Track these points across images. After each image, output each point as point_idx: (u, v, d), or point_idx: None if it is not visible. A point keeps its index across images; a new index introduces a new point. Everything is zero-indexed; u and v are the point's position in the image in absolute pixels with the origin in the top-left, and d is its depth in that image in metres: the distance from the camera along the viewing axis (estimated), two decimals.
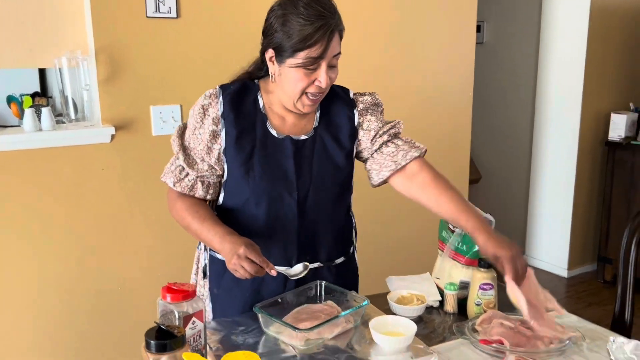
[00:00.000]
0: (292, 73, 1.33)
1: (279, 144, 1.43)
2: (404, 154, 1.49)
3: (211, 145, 1.42)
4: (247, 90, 1.45)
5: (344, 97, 1.52)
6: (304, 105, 1.39)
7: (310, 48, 1.29)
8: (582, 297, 3.80)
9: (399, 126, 1.54)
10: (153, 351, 0.96)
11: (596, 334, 1.38)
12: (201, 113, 1.42)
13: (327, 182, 1.47)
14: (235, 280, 1.41)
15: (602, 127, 3.97)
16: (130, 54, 2.24)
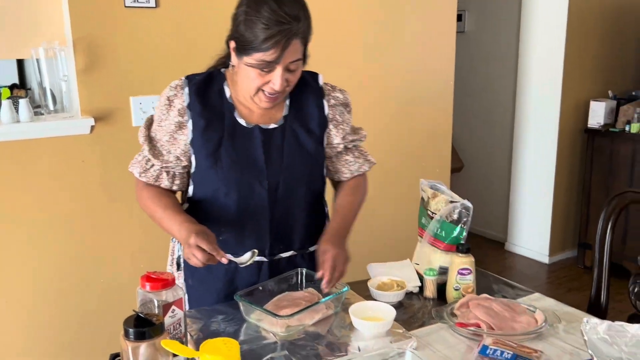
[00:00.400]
0: (247, 70, 1.33)
1: (247, 133, 1.42)
2: (358, 166, 1.60)
3: (177, 136, 1.42)
4: (213, 80, 1.45)
5: (313, 84, 1.52)
6: (261, 101, 1.39)
7: (265, 52, 1.27)
8: (563, 282, 3.86)
9: (362, 137, 1.61)
10: (132, 339, 0.97)
11: (572, 317, 1.40)
12: (167, 104, 1.42)
13: (298, 170, 1.47)
14: (208, 270, 1.43)
15: (581, 114, 4.01)
16: (108, 44, 2.22)
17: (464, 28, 4.56)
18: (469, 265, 1.46)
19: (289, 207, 1.48)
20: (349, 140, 1.56)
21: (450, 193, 1.58)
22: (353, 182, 1.60)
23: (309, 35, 1.36)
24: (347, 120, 1.56)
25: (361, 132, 1.61)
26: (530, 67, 4.07)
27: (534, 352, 1.17)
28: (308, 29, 1.34)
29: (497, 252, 4.41)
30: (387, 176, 3.07)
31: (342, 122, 1.54)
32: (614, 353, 1.08)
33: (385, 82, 2.99)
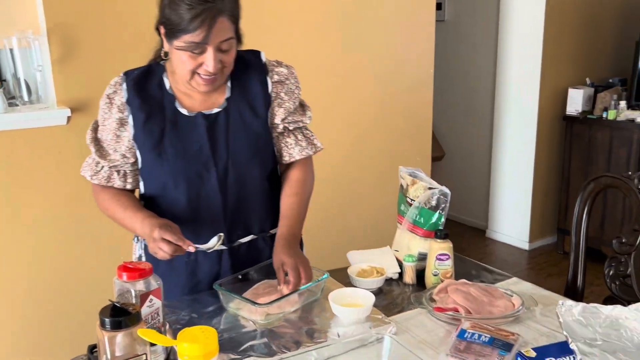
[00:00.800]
0: (178, 54, 1.30)
1: (190, 122, 1.40)
2: (299, 150, 1.51)
3: (120, 133, 1.41)
4: (151, 73, 1.44)
5: (255, 62, 1.47)
6: (198, 85, 1.35)
7: (192, 33, 1.25)
8: (543, 268, 3.91)
9: (306, 117, 1.53)
10: (108, 329, 0.96)
11: (549, 300, 1.42)
12: (107, 103, 1.42)
13: (247, 153, 1.44)
14: (169, 266, 1.42)
15: (560, 102, 4.05)
16: (84, 32, 2.18)
17: (444, 17, 4.57)
18: (447, 251, 1.47)
19: (242, 192, 1.45)
20: (290, 120, 1.49)
21: (428, 180, 1.58)
22: (295, 175, 1.53)
23: (237, 12, 1.33)
24: (293, 99, 1.49)
25: (306, 114, 1.53)
26: (510, 55, 4.09)
27: (511, 335, 1.18)
28: (235, 6, 1.32)
29: (479, 240, 4.45)
30: (367, 165, 3.08)
31: (288, 100, 1.48)
32: (589, 334, 1.10)
33: (365, 71, 2.99)
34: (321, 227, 2.77)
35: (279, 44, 2.67)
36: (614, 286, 1.64)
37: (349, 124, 2.98)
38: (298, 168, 1.54)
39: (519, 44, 4.01)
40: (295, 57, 2.73)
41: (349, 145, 2.99)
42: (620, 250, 1.63)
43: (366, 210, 3.09)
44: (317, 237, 1.86)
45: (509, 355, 1.12)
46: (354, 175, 3.03)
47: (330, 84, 2.88)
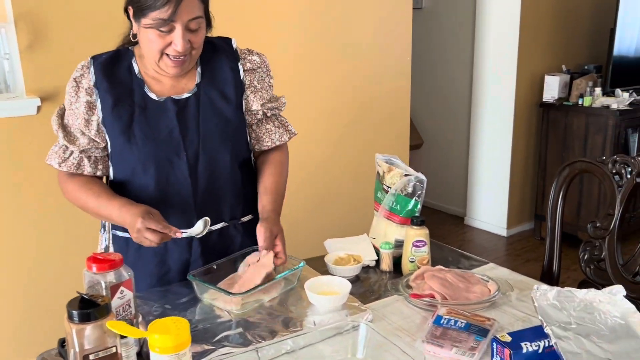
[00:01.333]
0: (146, 33, 1.29)
1: (160, 107, 1.38)
2: (279, 135, 1.53)
3: (88, 117, 1.37)
4: (120, 58, 1.41)
5: (226, 48, 1.46)
6: (167, 67, 1.33)
7: (160, 9, 1.23)
8: (521, 254, 3.96)
9: (281, 104, 1.54)
10: (76, 321, 0.93)
11: (525, 285, 1.43)
12: (74, 86, 1.38)
13: (217, 138, 1.42)
14: (137, 254, 1.41)
15: (536, 89, 4.08)
16: (52, 19, 2.13)
17: (421, 4, 4.56)
18: (424, 238, 1.46)
19: (212, 178, 1.43)
20: (269, 107, 1.50)
21: (404, 167, 1.58)
22: (275, 158, 1.54)
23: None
24: (266, 87, 1.49)
25: (281, 100, 1.54)
26: (487, 42, 4.10)
27: (487, 321, 1.18)
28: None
29: (457, 227, 4.48)
30: (345, 153, 3.07)
31: (261, 88, 1.48)
32: (563, 318, 1.10)
33: (343, 59, 2.97)
34: (298, 216, 2.75)
35: (254, 33, 2.64)
36: (589, 270, 1.66)
37: (326, 112, 2.96)
38: (277, 152, 1.56)
39: (495, 31, 4.02)
40: (271, 46, 2.71)
41: (326, 133, 2.97)
42: (595, 234, 1.64)
43: (344, 198, 3.09)
44: (294, 225, 1.85)
45: (485, 340, 1.12)
46: (331, 164, 3.02)
47: (306, 72, 2.85)
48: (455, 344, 1.11)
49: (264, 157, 1.56)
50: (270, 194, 1.47)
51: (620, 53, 3.90)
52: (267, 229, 1.37)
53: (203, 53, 1.40)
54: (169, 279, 1.44)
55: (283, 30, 2.75)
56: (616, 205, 1.60)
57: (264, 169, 1.53)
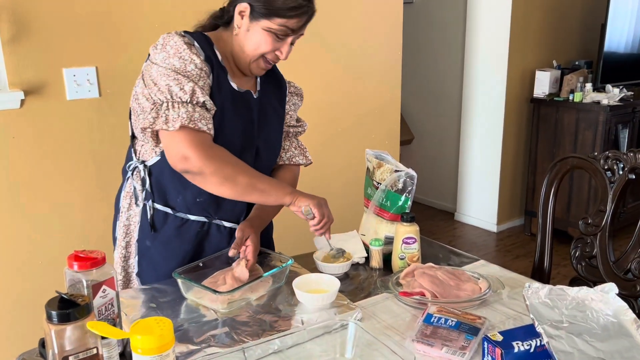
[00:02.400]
0: (261, 34, 1.33)
1: (241, 97, 1.41)
2: (290, 156, 1.59)
3: (208, 82, 1.32)
4: (205, 42, 1.36)
5: (275, 69, 1.56)
6: (257, 68, 1.39)
7: (290, 19, 1.31)
8: (511, 249, 3.95)
9: (303, 129, 1.64)
10: (55, 322, 0.90)
11: (516, 283, 1.41)
12: (187, 50, 1.29)
13: (276, 141, 1.53)
14: (177, 231, 1.42)
15: (527, 84, 4.07)
16: (36, 10, 2.08)
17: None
18: (414, 234, 1.44)
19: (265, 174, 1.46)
20: (292, 125, 1.60)
21: (395, 162, 1.55)
22: (283, 175, 1.58)
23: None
24: (296, 110, 1.62)
25: (303, 124, 1.64)
26: (477, 37, 4.08)
27: (478, 319, 1.17)
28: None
29: (447, 222, 4.48)
30: (335, 148, 3.04)
31: (293, 111, 1.60)
32: (555, 316, 1.08)
33: (333, 54, 2.93)
34: (288, 212, 2.73)
35: None
36: (580, 267, 1.64)
37: (315, 108, 2.93)
38: (287, 171, 1.60)
39: (486, 26, 4.01)
40: None
41: (317, 128, 2.94)
42: (586, 231, 1.63)
43: (333, 194, 3.04)
44: (283, 221, 1.82)
45: (476, 339, 1.10)
46: (321, 159, 2.99)
47: (295, 66, 2.82)
48: (445, 343, 1.09)
49: (274, 173, 1.59)
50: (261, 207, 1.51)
51: (610, 49, 3.90)
52: (240, 230, 1.40)
53: None
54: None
55: None
56: (608, 202, 1.59)
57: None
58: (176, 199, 1.41)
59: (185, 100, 1.26)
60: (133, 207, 1.46)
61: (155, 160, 1.40)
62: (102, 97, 2.25)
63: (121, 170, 1.55)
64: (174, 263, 1.42)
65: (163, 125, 1.25)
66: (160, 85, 1.27)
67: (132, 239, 1.46)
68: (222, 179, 1.27)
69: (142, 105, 1.30)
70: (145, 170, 1.41)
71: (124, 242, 1.47)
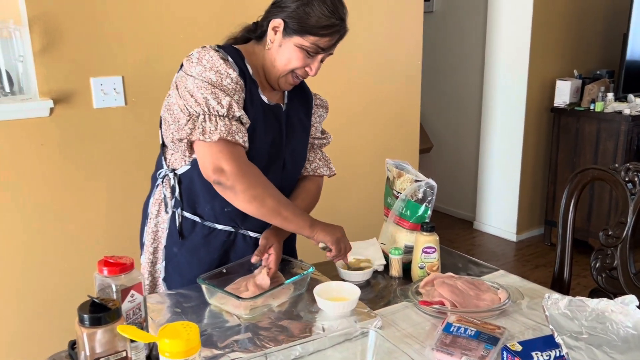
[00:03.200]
0: (292, 50, 1.36)
1: (271, 110, 1.44)
2: (315, 167, 1.62)
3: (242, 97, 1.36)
4: (237, 56, 1.40)
5: (303, 83, 1.59)
6: (286, 83, 1.43)
7: (323, 37, 1.34)
8: (530, 259, 3.93)
9: (327, 141, 1.67)
10: (87, 325, 0.94)
11: (536, 293, 1.42)
12: (222, 64, 1.32)
13: (300, 153, 1.56)
14: (205, 240, 1.46)
15: (547, 93, 4.06)
16: (66, 22, 2.14)
17: (432, 8, 4.55)
18: (434, 244, 1.46)
19: (289, 186, 1.54)
20: (317, 137, 1.63)
21: (415, 172, 1.57)
22: (305, 186, 1.61)
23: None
24: (321, 122, 1.65)
25: (328, 136, 1.67)
26: (498, 46, 4.09)
27: (497, 329, 1.18)
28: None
29: (466, 231, 4.47)
30: (354, 156, 3.06)
31: (319, 122, 1.63)
32: (575, 327, 1.09)
33: (353, 62, 2.96)
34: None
35: None
36: (600, 279, 1.64)
37: (336, 115, 2.94)
38: (310, 181, 1.63)
39: (507, 35, 4.01)
40: None
41: (336, 136, 2.96)
42: (607, 242, 1.63)
43: (353, 202, 3.08)
44: None
45: (495, 349, 1.12)
46: (341, 167, 3.00)
47: (318, 75, 2.85)
48: (465, 352, 1.10)
49: (299, 183, 1.62)
50: None
51: (633, 58, 3.87)
52: (264, 237, 1.43)
53: None
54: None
55: None
56: (629, 214, 1.59)
57: (296, 192, 1.59)
58: (205, 207, 1.44)
59: (222, 114, 1.30)
60: (162, 214, 1.50)
61: (185, 169, 1.44)
62: (127, 105, 2.30)
63: (147, 176, 1.59)
64: (200, 270, 1.45)
65: (200, 136, 1.28)
66: (197, 97, 1.29)
67: (160, 245, 1.50)
68: (250, 198, 1.31)
69: (176, 116, 1.34)
70: (175, 179, 1.44)
71: (152, 248, 1.51)
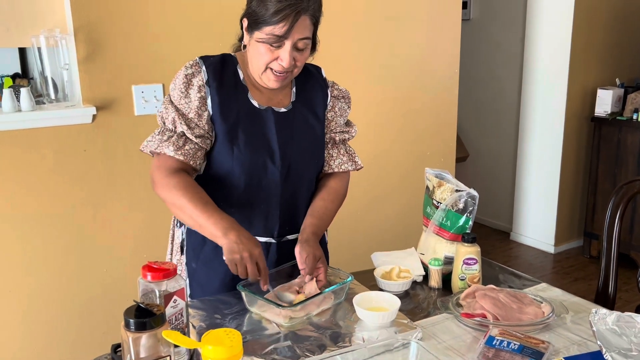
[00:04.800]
0: (257, 46, 1.35)
1: (261, 115, 1.44)
2: (340, 163, 1.58)
3: (201, 112, 1.40)
4: (226, 62, 1.45)
5: (317, 75, 1.56)
6: (269, 80, 1.40)
7: (275, 25, 1.29)
8: (569, 272, 3.84)
9: (352, 133, 1.61)
10: (132, 330, 0.95)
11: (580, 307, 1.38)
12: (185, 83, 1.40)
13: (308, 152, 1.50)
14: (215, 252, 1.43)
15: (588, 102, 3.97)
16: (109, 32, 2.19)
17: (469, 15, 4.51)
18: (475, 255, 1.44)
19: (297, 189, 1.50)
20: (339, 131, 1.58)
21: (455, 182, 1.55)
22: (331, 184, 1.57)
23: (319, 15, 1.38)
24: (344, 115, 1.60)
25: (353, 128, 1.62)
26: (537, 54, 4.02)
27: (542, 343, 1.15)
28: (318, 9, 1.37)
29: (503, 242, 4.39)
30: (391, 165, 3.05)
31: (340, 115, 1.57)
32: (623, 344, 1.06)
33: (390, 70, 2.96)
34: (344, 228, 2.74)
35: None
36: None
37: (373, 123, 2.95)
38: (337, 179, 1.59)
39: (546, 42, 3.94)
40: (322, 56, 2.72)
41: (373, 144, 2.96)
42: None
43: (389, 211, 3.07)
44: (340, 237, 1.85)
45: None
46: (377, 175, 3.00)
47: (355, 82, 2.86)
48: None
49: (322, 181, 1.59)
50: (315, 217, 1.50)
51: None
52: (310, 253, 1.39)
53: (298, 75, 1.47)
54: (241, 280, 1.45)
55: (332, 40, 2.76)
56: None
57: (318, 192, 1.56)
58: None
59: (169, 128, 1.40)
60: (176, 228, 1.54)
61: None
62: None
63: None
64: (217, 282, 1.46)
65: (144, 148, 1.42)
66: (162, 112, 1.42)
67: (183, 260, 1.52)
68: (171, 205, 1.38)
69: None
70: None
71: (177, 263, 1.53)
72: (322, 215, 1.50)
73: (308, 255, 1.38)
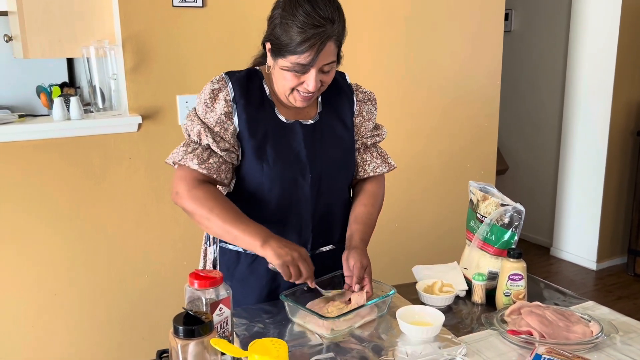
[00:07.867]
0: (281, 71, 1.34)
1: (289, 129, 1.43)
2: (374, 167, 1.57)
3: (227, 126, 1.39)
4: (252, 77, 1.44)
5: (342, 82, 1.54)
6: (295, 100, 1.39)
7: (300, 55, 1.28)
8: (612, 290, 3.73)
9: (382, 135, 1.59)
10: (181, 337, 0.97)
11: (630, 327, 1.34)
12: (211, 97, 1.40)
13: (339, 164, 1.49)
14: (250, 269, 1.45)
15: (633, 116, 3.88)
16: (156, 43, 2.25)
17: (511, 27, 4.46)
18: (521, 271, 1.41)
19: (330, 200, 1.49)
20: (369, 135, 1.56)
21: (500, 196, 1.53)
22: (368, 188, 1.56)
23: (343, 37, 1.35)
24: (372, 118, 1.57)
25: (382, 130, 1.60)
26: (580, 66, 3.95)
27: None
28: (342, 31, 1.34)
29: (542, 258, 4.30)
30: (431, 177, 3.03)
31: (368, 119, 1.55)
32: None
33: (432, 81, 2.94)
34: (385, 240, 2.74)
35: (348, 54, 2.66)
36: None
37: (413, 134, 2.94)
38: (374, 182, 1.58)
39: (590, 53, 3.87)
40: (362, 66, 2.73)
41: (413, 156, 2.95)
42: None
43: (427, 223, 3.04)
44: (380, 249, 1.84)
45: None
46: (416, 188, 2.99)
47: (397, 94, 2.85)
48: None
49: (359, 186, 1.58)
50: (360, 223, 1.49)
51: None
52: (358, 261, 1.38)
53: None
54: (277, 295, 1.46)
55: (373, 50, 2.77)
56: None
57: (357, 198, 1.55)
58: None
59: (194, 140, 1.39)
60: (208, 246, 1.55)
61: None
62: None
63: None
64: (253, 299, 1.47)
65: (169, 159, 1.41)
66: (187, 124, 1.42)
67: None
68: (200, 218, 1.36)
69: None
70: None
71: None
72: (366, 221, 1.49)
73: (355, 263, 1.38)
